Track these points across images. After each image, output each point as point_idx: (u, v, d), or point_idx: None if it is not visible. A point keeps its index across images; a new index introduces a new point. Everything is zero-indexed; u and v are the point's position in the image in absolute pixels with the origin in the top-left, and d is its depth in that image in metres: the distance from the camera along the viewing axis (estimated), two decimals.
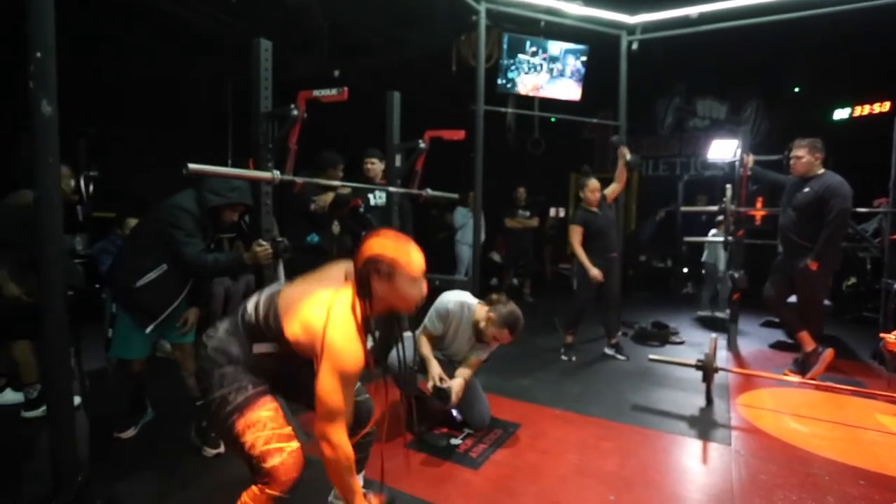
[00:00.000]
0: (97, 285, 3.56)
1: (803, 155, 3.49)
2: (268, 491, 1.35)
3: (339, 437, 1.37)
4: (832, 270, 3.57)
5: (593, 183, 3.98)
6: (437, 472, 2.20)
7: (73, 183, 2.68)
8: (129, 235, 2.63)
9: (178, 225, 2.22)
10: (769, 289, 3.75)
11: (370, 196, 3.72)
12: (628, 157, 4.02)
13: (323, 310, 1.38)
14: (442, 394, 2.38)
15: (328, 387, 1.34)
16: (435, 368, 2.46)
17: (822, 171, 3.48)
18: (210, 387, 1.43)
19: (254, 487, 1.38)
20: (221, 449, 2.28)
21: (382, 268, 1.41)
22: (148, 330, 2.31)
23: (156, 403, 2.91)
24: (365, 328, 1.40)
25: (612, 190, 4.09)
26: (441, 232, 6.98)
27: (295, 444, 1.40)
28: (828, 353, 3.41)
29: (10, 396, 2.80)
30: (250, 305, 1.50)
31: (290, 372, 1.56)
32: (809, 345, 3.50)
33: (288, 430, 1.42)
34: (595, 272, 3.82)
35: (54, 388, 1.69)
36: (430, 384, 2.42)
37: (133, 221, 3.68)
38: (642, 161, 8.40)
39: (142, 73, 4.68)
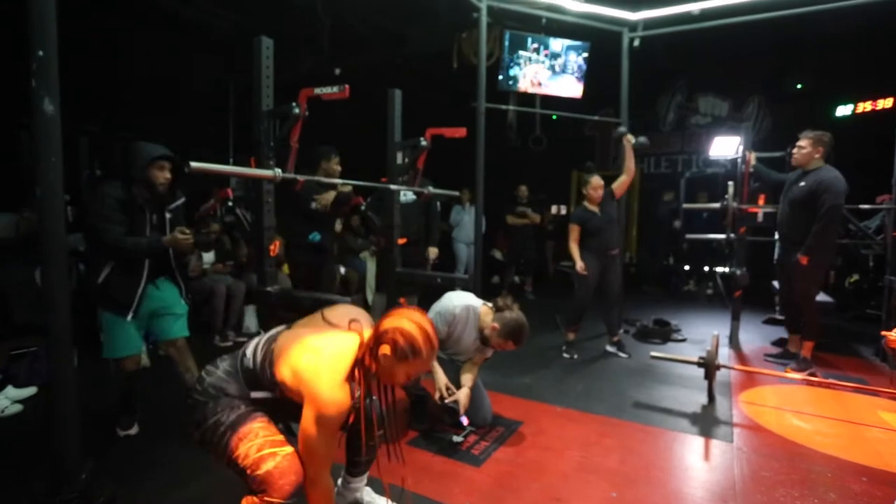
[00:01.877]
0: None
1: (805, 146, 3.51)
2: (266, 499, 1.32)
3: (319, 478, 1.39)
4: (825, 267, 3.59)
5: (596, 180, 3.97)
6: (439, 470, 2.20)
7: None
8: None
9: (96, 211, 2.27)
10: (783, 291, 3.76)
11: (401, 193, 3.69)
12: (633, 140, 3.99)
13: (313, 356, 1.37)
14: (451, 412, 2.40)
15: (309, 431, 1.34)
16: (441, 378, 2.46)
17: (820, 165, 3.47)
18: (204, 416, 1.44)
19: (253, 497, 1.35)
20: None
21: (399, 348, 1.39)
22: (129, 318, 2.33)
23: (159, 402, 2.93)
24: (350, 379, 1.39)
25: (621, 182, 4.07)
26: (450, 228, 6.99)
27: (289, 449, 1.39)
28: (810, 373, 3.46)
29: (13, 393, 2.80)
30: (249, 350, 1.51)
31: (287, 411, 1.54)
32: (806, 352, 3.54)
33: (280, 437, 1.42)
34: (581, 265, 3.85)
35: (58, 386, 1.70)
36: (437, 395, 2.43)
37: None
38: (646, 152, 8.38)
39: (144, 72, 4.68)
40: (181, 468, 2.15)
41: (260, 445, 1.36)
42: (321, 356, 1.37)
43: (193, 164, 2.00)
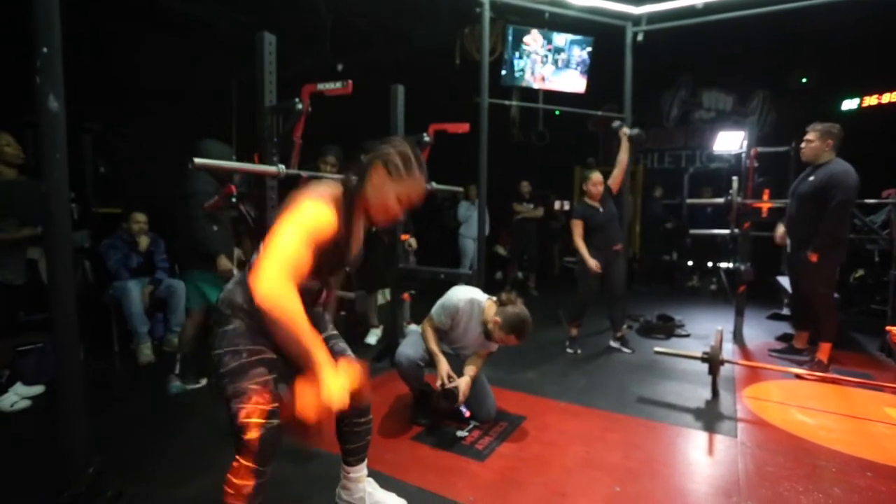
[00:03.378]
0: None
1: (813, 139, 3.41)
2: (244, 462, 1.36)
3: (288, 285, 1.22)
4: (836, 264, 3.47)
5: (596, 176, 3.97)
6: (443, 464, 2.21)
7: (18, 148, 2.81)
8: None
9: None
10: (794, 289, 3.71)
11: None
12: (628, 131, 3.98)
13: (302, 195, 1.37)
14: (449, 395, 2.41)
15: (284, 233, 1.26)
16: (443, 366, 2.47)
17: (830, 158, 3.37)
18: (214, 343, 1.45)
19: (234, 462, 1.38)
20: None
21: (392, 165, 1.39)
22: None
23: (166, 397, 2.96)
24: (345, 210, 1.39)
25: (614, 177, 4.06)
26: (447, 224, 7.00)
27: (276, 421, 1.38)
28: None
29: (22, 389, 2.83)
30: (261, 249, 1.49)
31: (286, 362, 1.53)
32: (823, 355, 3.45)
33: (273, 406, 1.40)
34: (592, 263, 3.83)
35: (65, 381, 1.71)
36: (438, 383, 2.44)
37: (140, 216, 3.71)
38: (646, 149, 8.37)
39: (147, 69, 4.68)
40: (186, 463, 2.17)
41: (249, 411, 1.36)
42: (308, 191, 1.38)
43: (197, 160, 2.01)
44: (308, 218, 1.31)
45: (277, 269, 1.22)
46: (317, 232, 1.31)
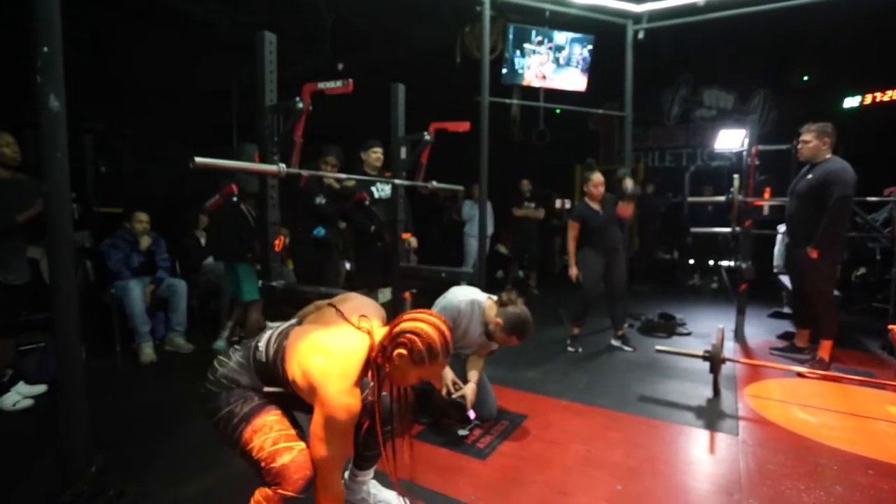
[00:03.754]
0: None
1: (810, 139, 3.44)
2: (280, 491, 1.34)
3: (330, 481, 1.38)
4: (836, 261, 3.49)
5: (597, 177, 3.95)
6: (445, 463, 2.21)
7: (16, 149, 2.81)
8: None
9: None
10: (794, 286, 3.70)
11: (373, 189, 3.72)
12: (629, 189, 3.94)
13: (323, 358, 1.36)
14: (459, 408, 2.42)
15: (319, 436, 1.33)
16: (448, 374, 2.47)
17: (828, 156, 3.40)
18: (218, 407, 1.44)
19: (267, 489, 1.37)
20: None
21: (416, 350, 1.36)
22: None
23: (167, 396, 2.96)
24: (361, 381, 1.39)
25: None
26: (451, 222, 6.99)
27: (303, 444, 1.40)
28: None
29: (24, 389, 2.83)
30: (262, 343, 1.50)
31: (301, 404, 1.52)
32: (824, 353, 3.46)
33: (294, 431, 1.43)
34: (573, 272, 3.91)
35: (66, 381, 1.71)
36: (444, 391, 2.44)
37: (142, 216, 3.71)
38: (647, 147, 8.37)
39: (147, 69, 4.69)
40: (187, 463, 2.17)
41: (275, 439, 1.37)
42: (331, 358, 1.35)
43: (198, 159, 2.00)
44: (339, 418, 1.31)
45: (331, 477, 1.38)
46: (351, 426, 1.35)
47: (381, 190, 3.72)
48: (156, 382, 3.28)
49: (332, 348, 1.38)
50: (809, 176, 3.44)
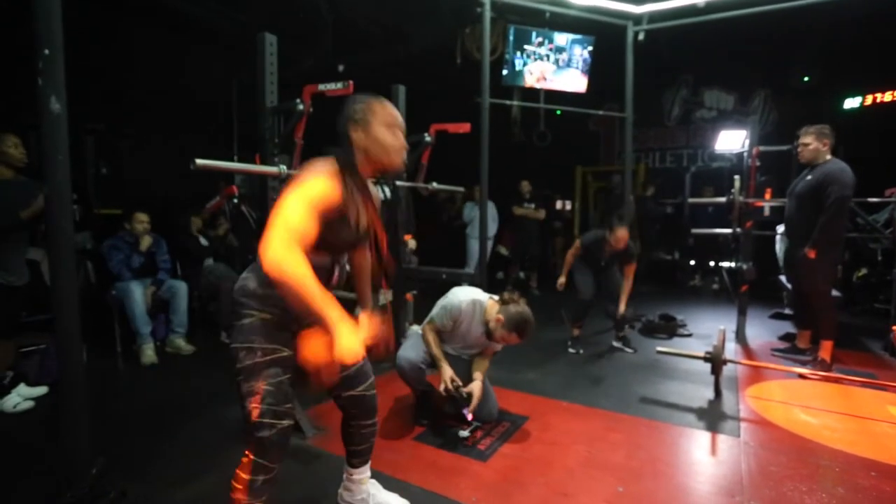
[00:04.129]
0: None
1: (810, 142, 3.47)
2: (254, 458, 1.39)
3: (294, 251, 1.22)
4: (835, 261, 3.52)
5: (622, 233, 3.76)
6: (446, 465, 2.21)
7: (22, 150, 2.81)
8: None
9: None
10: (793, 287, 3.70)
11: (378, 189, 3.71)
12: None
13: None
14: (455, 402, 2.41)
15: (287, 203, 1.29)
16: (447, 371, 2.46)
17: (828, 158, 3.44)
18: (233, 336, 1.46)
19: (244, 458, 1.41)
20: None
21: (357, 114, 1.45)
22: None
23: (166, 398, 2.96)
24: (346, 177, 1.42)
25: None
26: (452, 222, 6.99)
27: (287, 422, 1.41)
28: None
29: (25, 390, 2.83)
30: None
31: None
32: (825, 353, 3.46)
33: (285, 407, 1.41)
34: (560, 281, 4.04)
35: (66, 382, 1.71)
36: (441, 387, 2.43)
37: (143, 216, 3.71)
38: (647, 148, 8.37)
39: (148, 70, 4.70)
40: (188, 465, 2.17)
41: (263, 411, 1.38)
42: (305, 168, 1.43)
43: (199, 160, 2.01)
44: (309, 187, 1.33)
45: (282, 236, 1.23)
46: (319, 199, 1.33)
47: (381, 191, 3.71)
48: (157, 384, 3.27)
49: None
50: (809, 177, 3.47)
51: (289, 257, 1.21)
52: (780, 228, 5.49)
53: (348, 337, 1.22)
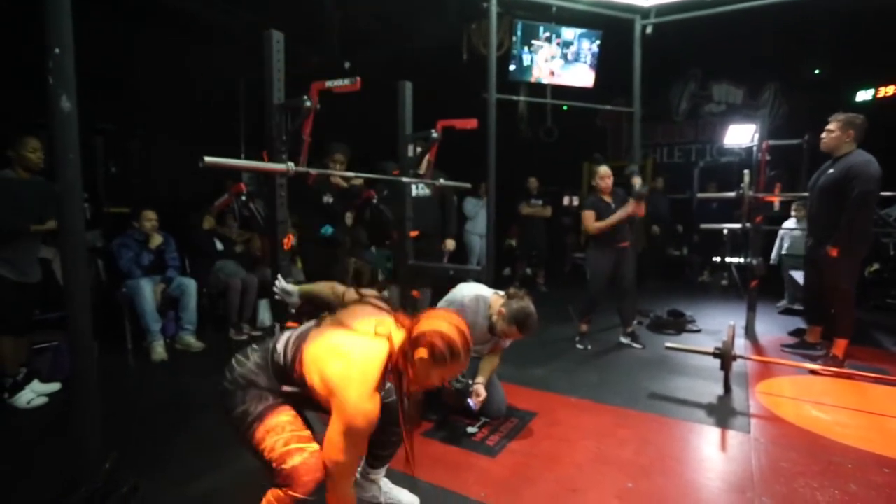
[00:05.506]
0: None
1: (834, 129, 3.32)
2: (290, 493, 1.33)
3: (341, 487, 1.39)
4: (858, 258, 3.37)
5: (604, 169, 3.96)
6: (454, 461, 2.21)
7: (41, 155, 2.81)
8: None
9: None
10: (808, 283, 3.64)
11: (413, 186, 3.69)
12: (637, 186, 3.92)
13: (342, 363, 1.35)
14: (462, 394, 2.41)
15: (336, 442, 1.33)
16: None
17: (851, 149, 3.28)
18: (233, 405, 1.44)
19: (278, 490, 1.36)
20: None
21: (438, 351, 1.37)
22: None
23: (175, 395, 2.98)
24: (381, 386, 1.38)
25: (607, 223, 3.95)
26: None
27: (315, 446, 1.39)
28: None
29: (38, 387, 2.87)
30: (280, 344, 1.50)
31: (317, 405, 1.52)
32: (838, 351, 3.39)
33: (307, 433, 1.42)
34: (630, 208, 3.83)
35: (80, 379, 1.73)
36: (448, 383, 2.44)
37: (150, 214, 3.74)
38: (655, 143, 8.31)
39: (155, 69, 4.71)
40: (198, 460, 2.19)
41: (287, 440, 1.36)
42: (351, 363, 1.35)
43: (207, 158, 2.01)
44: (357, 425, 1.32)
45: (344, 482, 1.40)
46: (368, 433, 1.36)
47: (420, 188, 3.68)
48: (167, 380, 3.31)
49: (352, 353, 1.37)
50: (831, 170, 3.33)
51: (344, 498, 1.42)
52: (787, 224, 5.45)
53: None
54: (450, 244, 4.11)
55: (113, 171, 3.95)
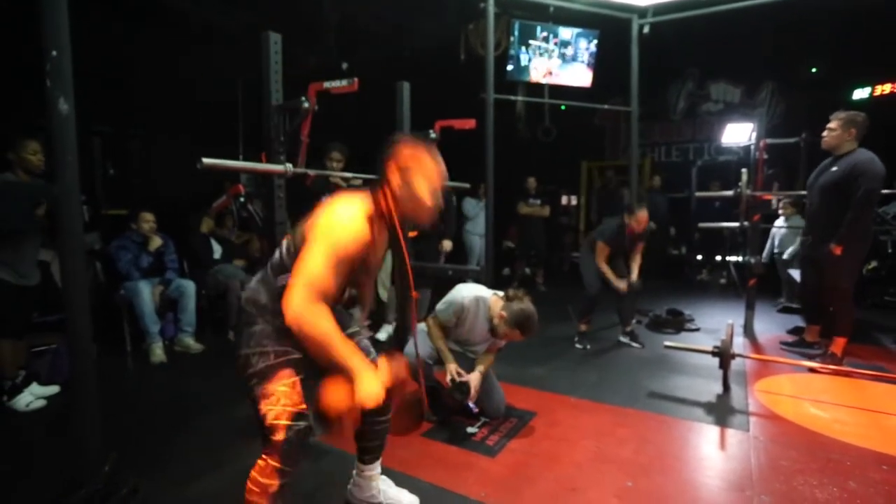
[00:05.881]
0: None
1: (835, 128, 3.31)
2: (272, 462, 1.36)
3: (315, 307, 1.27)
4: (860, 257, 3.35)
5: (643, 215, 3.82)
6: (454, 461, 2.21)
7: (41, 158, 2.79)
8: None
9: None
10: (807, 281, 3.63)
11: None
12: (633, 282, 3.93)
13: (329, 209, 1.37)
14: (462, 387, 2.42)
15: (313, 255, 1.29)
16: (452, 364, 2.48)
17: (853, 147, 3.27)
18: (240, 343, 1.45)
19: (260, 461, 1.39)
20: None
21: (402, 160, 1.41)
22: None
23: (175, 397, 2.98)
24: (375, 220, 1.40)
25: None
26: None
27: (303, 423, 1.39)
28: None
29: (38, 390, 2.86)
30: (283, 246, 1.49)
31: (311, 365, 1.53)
32: (837, 349, 3.37)
33: (301, 407, 1.40)
34: (622, 285, 3.86)
35: (79, 381, 1.73)
36: (448, 378, 2.45)
37: (148, 215, 3.73)
38: (653, 143, 8.31)
39: (153, 70, 4.71)
40: (198, 462, 2.19)
41: (279, 413, 1.36)
42: (336, 203, 1.39)
43: (205, 160, 2.01)
44: (341, 235, 1.32)
45: (305, 293, 1.27)
46: (349, 250, 1.32)
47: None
48: (166, 382, 3.30)
49: (338, 200, 1.40)
50: (834, 168, 3.30)
51: (310, 314, 1.26)
52: (778, 223, 5.46)
53: (370, 383, 1.27)
54: (447, 245, 4.11)
55: (111, 173, 3.94)
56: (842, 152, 3.31)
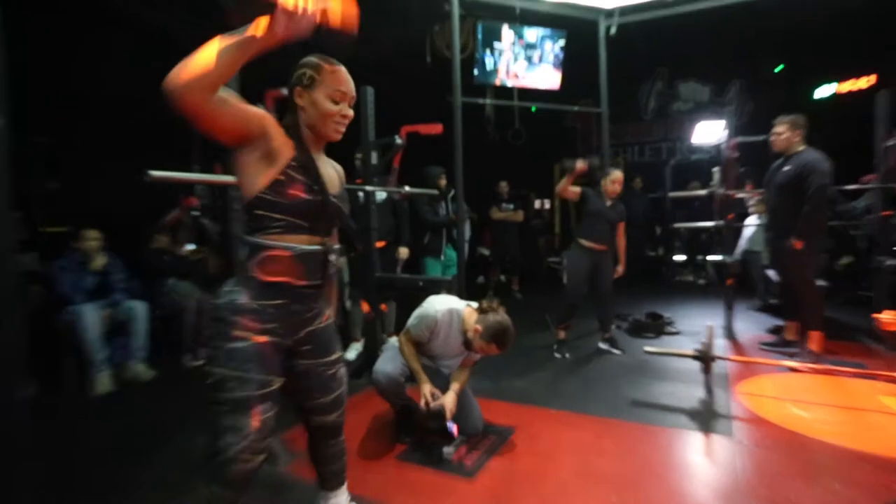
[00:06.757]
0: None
1: (783, 131, 3.49)
2: (216, 490, 1.31)
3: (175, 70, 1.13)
4: (819, 249, 3.55)
5: (617, 174, 3.79)
6: (430, 484, 2.07)
7: None
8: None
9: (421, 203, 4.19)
10: (780, 278, 3.70)
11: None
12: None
13: None
14: (437, 415, 2.29)
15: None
16: (426, 385, 2.33)
17: (802, 147, 3.46)
18: (217, 357, 1.30)
19: (206, 490, 1.32)
20: None
21: (305, 76, 1.36)
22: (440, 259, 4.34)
23: (126, 429, 2.77)
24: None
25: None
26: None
27: (262, 457, 1.32)
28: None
29: None
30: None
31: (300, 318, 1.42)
32: (814, 345, 3.43)
33: (265, 443, 1.32)
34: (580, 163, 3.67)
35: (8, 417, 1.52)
36: (422, 402, 2.30)
37: (92, 233, 3.47)
38: (625, 143, 8.37)
39: (100, 76, 4.41)
40: (151, 498, 2.01)
41: (242, 448, 1.27)
42: None
43: (153, 172, 1.85)
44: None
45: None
46: (246, 106, 1.25)
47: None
48: (114, 413, 3.05)
49: None
50: (787, 167, 3.47)
51: (174, 70, 1.11)
52: (749, 220, 5.49)
53: None
54: (403, 252, 3.96)
55: (51, 187, 3.65)
56: (792, 152, 3.48)
